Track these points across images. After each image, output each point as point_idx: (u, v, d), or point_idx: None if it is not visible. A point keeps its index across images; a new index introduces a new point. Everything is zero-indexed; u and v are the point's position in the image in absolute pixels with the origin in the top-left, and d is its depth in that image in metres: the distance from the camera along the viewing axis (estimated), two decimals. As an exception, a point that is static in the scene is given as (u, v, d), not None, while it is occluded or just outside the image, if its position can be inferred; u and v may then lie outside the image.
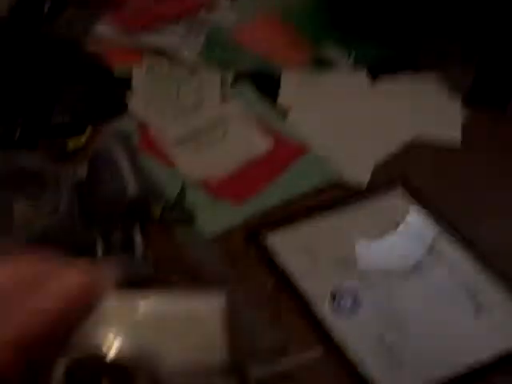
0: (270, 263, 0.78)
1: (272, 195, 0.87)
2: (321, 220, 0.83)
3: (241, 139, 0.95)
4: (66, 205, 0.86)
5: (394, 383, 0.65)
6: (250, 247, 0.80)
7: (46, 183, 0.87)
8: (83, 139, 0.88)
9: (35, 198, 0.88)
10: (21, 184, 0.87)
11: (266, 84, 1.05)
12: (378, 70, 1.07)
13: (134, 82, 1.04)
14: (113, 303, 0.23)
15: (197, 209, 0.84)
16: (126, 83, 1.02)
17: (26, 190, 0.87)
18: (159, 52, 1.09)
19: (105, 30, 1.13)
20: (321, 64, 1.09)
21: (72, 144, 0.87)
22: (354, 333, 0.70)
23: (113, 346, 0.23)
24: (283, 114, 1.00)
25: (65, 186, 0.87)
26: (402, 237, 0.82)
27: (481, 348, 0.68)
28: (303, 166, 0.91)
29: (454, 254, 0.79)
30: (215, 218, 0.83)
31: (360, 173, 0.90)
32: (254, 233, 0.81)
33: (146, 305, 0.24)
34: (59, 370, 0.22)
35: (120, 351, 0.22)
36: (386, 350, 0.68)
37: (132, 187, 0.87)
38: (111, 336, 0.23)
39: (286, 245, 0.80)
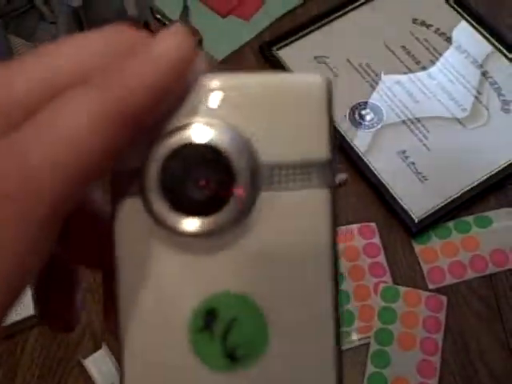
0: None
1: (277, 4, 0.82)
2: (336, 23, 0.79)
3: None
4: (64, 32, 0.83)
5: (419, 197, 0.67)
6: (263, 65, 0.77)
7: (41, 13, 0.83)
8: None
9: (32, 31, 0.84)
10: (16, 19, 0.83)
11: None
12: None
13: None
14: (208, 80, 0.22)
15: (204, 29, 0.80)
16: None
17: (21, 25, 0.83)
18: None
19: None
20: None
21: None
22: (376, 149, 0.70)
23: (207, 131, 0.21)
24: None
25: (61, 14, 0.83)
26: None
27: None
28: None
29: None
30: (224, 37, 0.79)
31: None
32: (265, 48, 0.78)
33: (243, 82, 0.22)
34: (156, 159, 0.21)
35: (216, 137, 0.21)
36: (408, 165, 0.69)
37: (131, 8, 0.82)
38: (206, 121, 0.21)
39: (298, 57, 0.77)
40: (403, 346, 0.58)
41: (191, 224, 0.21)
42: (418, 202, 0.66)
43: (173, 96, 0.21)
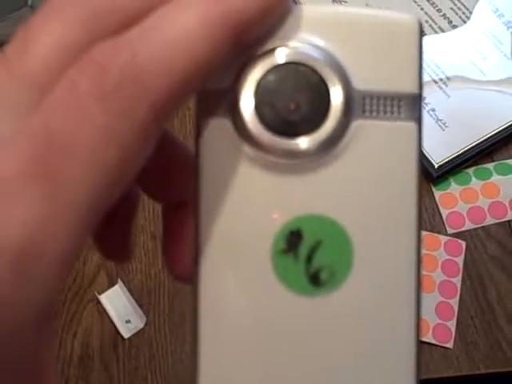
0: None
1: None
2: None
3: None
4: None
5: (439, 144, 0.67)
6: None
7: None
8: None
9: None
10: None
11: None
12: None
13: None
14: (301, 9, 0.21)
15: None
16: None
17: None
18: None
19: None
20: None
21: None
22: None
23: (303, 53, 0.21)
24: None
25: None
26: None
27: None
28: None
29: None
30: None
31: None
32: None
33: (336, 12, 0.22)
34: (251, 79, 0.21)
35: (312, 59, 0.21)
36: (428, 112, 0.69)
37: None
38: (301, 44, 0.21)
39: None
40: (422, 288, 0.58)
41: (284, 144, 0.21)
42: (438, 149, 0.66)
43: (275, 17, 0.20)
